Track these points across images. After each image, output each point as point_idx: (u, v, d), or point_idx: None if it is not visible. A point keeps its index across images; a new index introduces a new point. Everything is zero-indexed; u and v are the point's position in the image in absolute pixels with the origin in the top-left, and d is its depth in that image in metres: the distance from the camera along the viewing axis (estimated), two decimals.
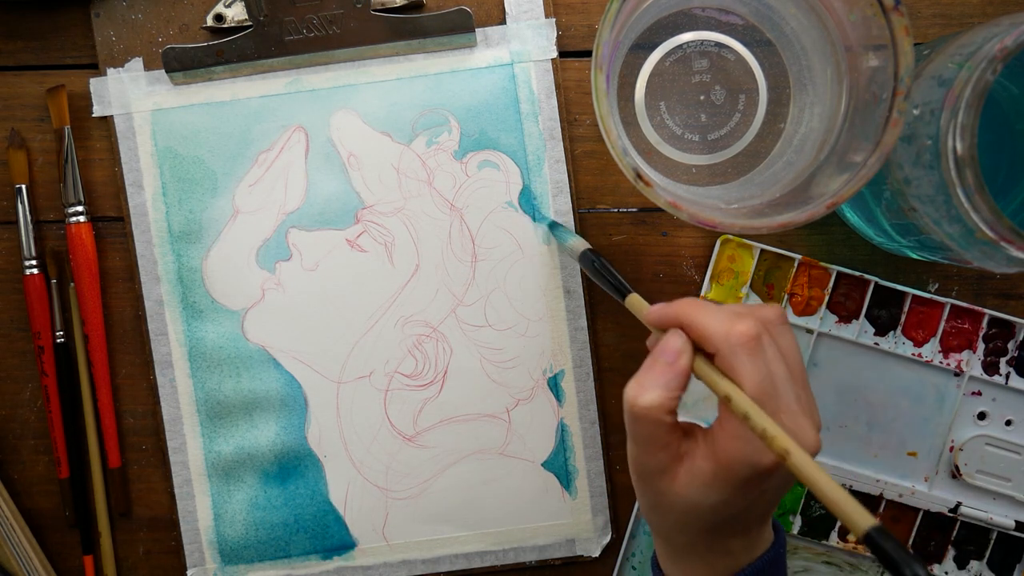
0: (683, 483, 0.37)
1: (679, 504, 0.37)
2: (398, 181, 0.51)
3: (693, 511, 0.37)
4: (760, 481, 0.36)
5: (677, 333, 0.37)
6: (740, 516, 0.38)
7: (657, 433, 0.37)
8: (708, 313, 0.37)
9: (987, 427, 0.51)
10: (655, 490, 0.38)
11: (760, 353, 0.36)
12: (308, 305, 0.51)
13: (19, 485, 0.53)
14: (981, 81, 0.36)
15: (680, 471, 0.37)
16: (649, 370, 0.37)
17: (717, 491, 0.36)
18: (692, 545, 0.39)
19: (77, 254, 0.51)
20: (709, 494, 0.36)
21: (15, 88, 0.52)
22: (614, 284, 0.43)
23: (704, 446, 0.37)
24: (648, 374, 0.37)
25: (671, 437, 0.37)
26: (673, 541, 0.40)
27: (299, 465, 0.52)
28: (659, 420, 0.36)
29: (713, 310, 0.37)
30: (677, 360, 0.37)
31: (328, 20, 0.50)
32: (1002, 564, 0.51)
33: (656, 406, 0.36)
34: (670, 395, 0.37)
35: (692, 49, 0.49)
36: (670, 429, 0.37)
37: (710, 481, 0.36)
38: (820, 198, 0.40)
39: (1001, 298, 0.51)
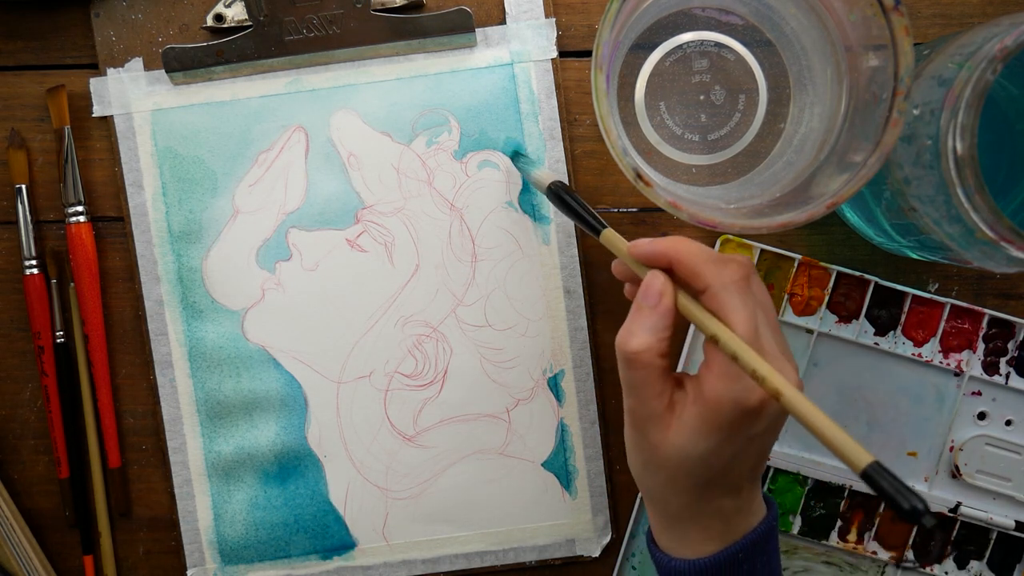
0: (675, 431, 0.37)
1: (671, 455, 0.37)
2: (398, 181, 0.51)
3: (684, 463, 0.37)
4: (747, 423, 0.36)
5: (656, 274, 0.38)
6: (729, 469, 0.38)
7: (650, 378, 0.37)
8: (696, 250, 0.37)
9: (987, 427, 0.51)
10: (649, 442, 0.38)
11: (749, 294, 0.36)
12: (308, 305, 0.51)
13: (19, 485, 0.53)
14: (981, 81, 0.36)
15: (672, 420, 0.37)
16: (635, 315, 0.38)
17: (705, 436, 0.36)
18: (684, 507, 0.39)
19: (77, 254, 0.51)
20: (698, 441, 0.36)
21: (15, 88, 0.52)
22: (586, 219, 0.42)
23: (692, 391, 0.37)
24: (635, 319, 0.37)
25: (664, 384, 0.37)
26: (666, 505, 0.40)
27: (299, 465, 0.52)
28: (650, 363, 0.37)
29: (700, 248, 0.37)
30: (660, 301, 0.37)
31: (328, 20, 0.50)
32: (1002, 564, 0.51)
33: (645, 349, 0.37)
34: (658, 337, 0.37)
35: (692, 49, 0.49)
36: (662, 374, 0.37)
37: (698, 426, 0.36)
38: (820, 198, 0.40)
39: (1001, 298, 0.51)
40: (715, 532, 0.39)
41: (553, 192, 0.44)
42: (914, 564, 0.51)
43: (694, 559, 0.40)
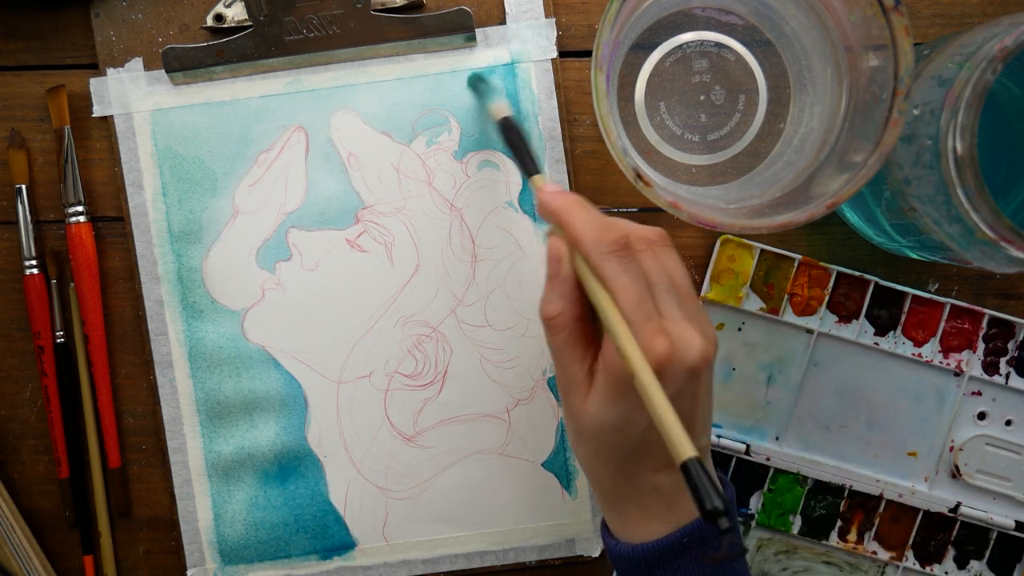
0: (591, 399, 0.37)
1: (589, 424, 0.37)
2: (398, 181, 0.51)
3: (602, 433, 0.37)
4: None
5: (553, 240, 0.38)
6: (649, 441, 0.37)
7: (569, 341, 0.37)
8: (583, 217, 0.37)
9: (987, 427, 0.51)
10: (573, 411, 0.38)
11: (631, 261, 0.36)
12: (308, 305, 0.51)
13: (19, 485, 0.53)
14: (981, 81, 0.36)
15: (592, 387, 0.37)
16: (547, 282, 0.38)
17: (613, 404, 0.36)
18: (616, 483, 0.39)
19: (77, 254, 0.51)
20: (608, 409, 0.36)
21: (15, 88, 0.52)
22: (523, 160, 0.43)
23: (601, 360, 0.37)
24: (548, 286, 0.38)
25: (585, 351, 0.38)
26: (600, 479, 0.40)
27: (299, 465, 0.52)
28: (566, 326, 0.37)
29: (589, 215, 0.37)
30: (559, 268, 0.38)
31: (328, 20, 0.50)
32: (1002, 564, 0.51)
33: (558, 314, 0.37)
34: (568, 300, 0.37)
35: (692, 49, 0.49)
36: (581, 339, 0.38)
37: (605, 394, 0.36)
38: (820, 198, 0.40)
39: (1001, 298, 0.51)
40: (656, 511, 0.39)
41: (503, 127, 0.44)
42: (914, 564, 0.51)
43: (637, 544, 0.39)
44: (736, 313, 0.51)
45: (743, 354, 0.51)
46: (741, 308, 0.51)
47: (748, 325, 0.51)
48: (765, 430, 0.51)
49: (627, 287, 0.35)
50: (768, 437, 0.52)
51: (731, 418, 0.52)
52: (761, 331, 0.51)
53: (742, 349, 0.51)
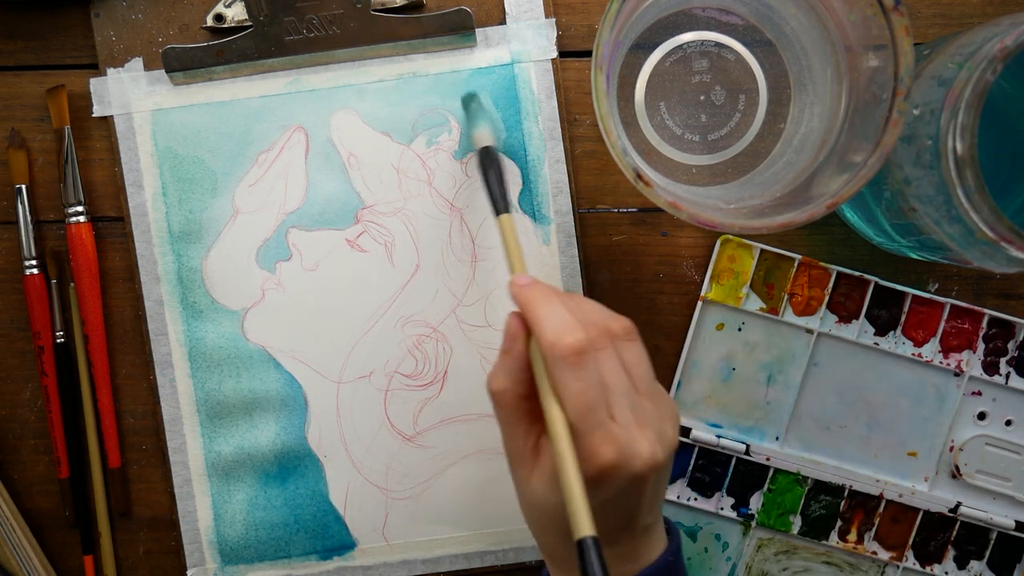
0: (536, 476, 0.37)
1: (534, 502, 0.38)
2: (398, 181, 0.51)
3: (548, 510, 0.37)
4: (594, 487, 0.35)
5: (511, 319, 0.38)
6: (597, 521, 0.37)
7: (512, 418, 0.38)
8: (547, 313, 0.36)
9: (987, 427, 0.51)
10: (519, 480, 0.39)
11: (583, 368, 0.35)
12: (308, 305, 0.51)
13: (19, 485, 0.53)
14: (981, 81, 0.36)
15: (535, 464, 0.38)
16: (500, 356, 0.39)
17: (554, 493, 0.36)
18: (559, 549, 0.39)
19: (77, 254, 0.51)
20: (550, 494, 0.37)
21: (15, 88, 0.52)
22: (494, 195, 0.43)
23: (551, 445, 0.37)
24: (499, 360, 0.38)
25: (530, 427, 0.38)
26: (543, 543, 0.40)
27: (299, 465, 0.52)
28: (511, 404, 0.37)
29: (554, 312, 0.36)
30: (512, 347, 0.38)
31: (328, 20, 0.50)
32: (1002, 564, 0.51)
33: (502, 390, 0.37)
34: (515, 379, 0.37)
35: (692, 49, 0.49)
36: (525, 417, 0.38)
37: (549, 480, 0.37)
38: (820, 198, 0.40)
39: (1001, 298, 0.51)
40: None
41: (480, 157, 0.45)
42: (914, 564, 0.51)
43: None
44: (736, 313, 0.51)
45: (743, 354, 0.51)
46: (741, 308, 0.51)
47: (748, 325, 0.51)
48: (765, 430, 0.51)
49: (577, 395, 0.35)
50: (768, 437, 0.52)
51: (731, 418, 0.52)
52: (761, 331, 0.51)
53: (742, 349, 0.51)
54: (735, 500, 0.52)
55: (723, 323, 0.51)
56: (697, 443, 0.51)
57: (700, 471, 0.52)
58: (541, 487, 0.37)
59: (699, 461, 0.52)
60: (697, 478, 0.52)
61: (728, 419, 0.52)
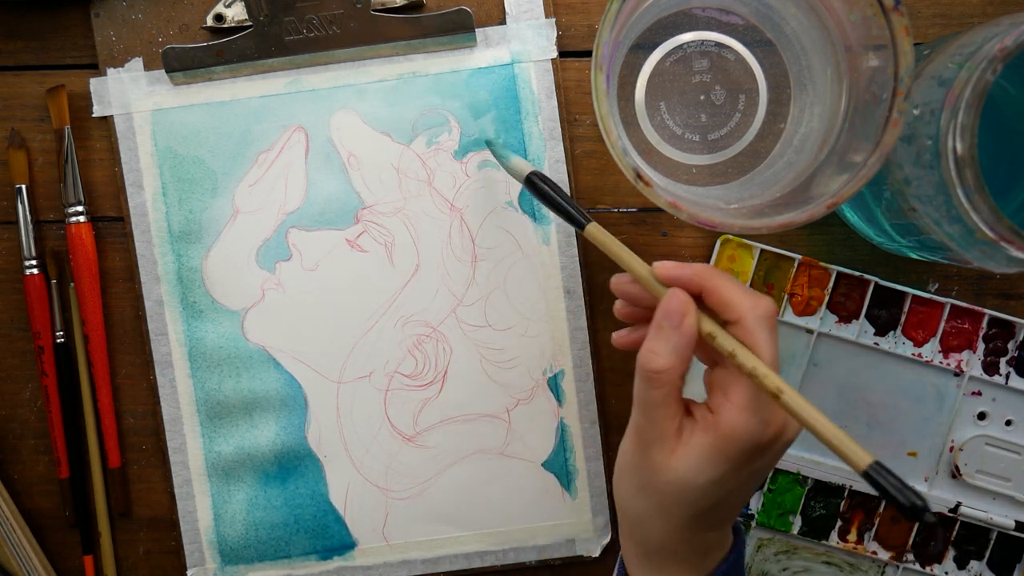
0: (679, 457, 0.37)
1: (671, 481, 0.37)
2: (398, 181, 0.51)
3: (683, 491, 0.37)
4: (757, 456, 0.37)
5: (676, 293, 0.37)
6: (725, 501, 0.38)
7: (668, 399, 0.37)
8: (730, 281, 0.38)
9: (987, 427, 0.51)
10: (651, 464, 0.38)
11: (776, 331, 0.37)
12: (308, 305, 0.51)
13: (19, 485, 0.53)
14: (981, 81, 0.36)
15: (679, 445, 0.37)
16: (657, 333, 0.37)
17: (714, 465, 0.36)
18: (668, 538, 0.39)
19: (77, 254, 0.51)
20: (704, 469, 0.36)
21: (15, 88, 0.52)
22: (569, 212, 0.42)
23: (704, 419, 0.37)
24: (657, 337, 0.37)
25: (678, 407, 0.38)
26: (648, 534, 0.40)
27: (299, 465, 0.52)
28: (670, 383, 0.37)
29: (734, 280, 0.38)
30: (683, 322, 0.37)
31: (328, 20, 0.50)
32: (1002, 564, 0.51)
33: (668, 368, 0.37)
34: (681, 357, 0.37)
35: (692, 49, 0.49)
36: (678, 397, 0.38)
37: (708, 454, 0.36)
38: (820, 198, 0.39)
39: (1001, 298, 0.51)
40: (694, 564, 0.40)
41: (534, 184, 0.44)
42: (914, 564, 0.51)
43: None
44: None
45: None
46: None
47: None
48: None
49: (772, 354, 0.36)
50: None
51: None
52: None
53: None
54: None
55: None
56: None
57: None
58: (685, 467, 0.37)
59: None
60: None
61: None
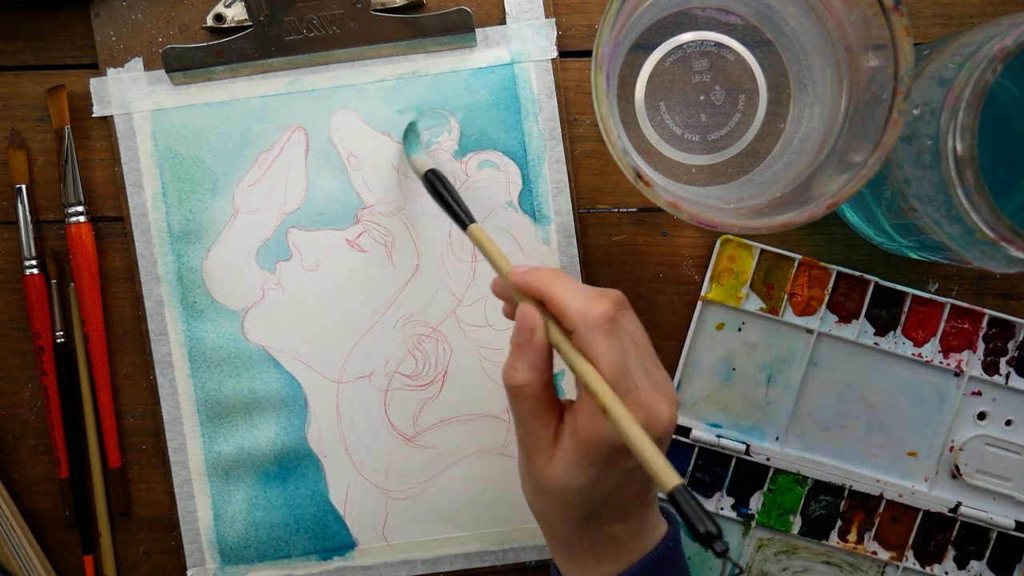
0: (556, 462, 0.38)
1: (554, 487, 0.38)
2: (398, 181, 0.51)
3: (566, 494, 0.38)
4: (619, 458, 0.37)
5: (526, 308, 0.38)
6: (613, 500, 0.38)
7: (536, 409, 0.38)
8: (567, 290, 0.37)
9: (987, 427, 0.51)
10: (535, 472, 0.39)
11: (616, 335, 0.36)
12: (308, 305, 0.51)
13: (19, 485, 0.53)
14: (981, 81, 0.36)
15: (555, 451, 0.38)
16: (515, 349, 0.38)
17: (582, 470, 0.37)
18: (575, 535, 0.40)
19: (77, 254, 0.51)
20: (576, 474, 0.37)
21: (15, 88, 0.52)
22: (455, 212, 0.43)
23: (568, 424, 0.38)
24: (515, 354, 0.38)
25: (551, 415, 0.38)
26: (559, 535, 0.41)
27: (299, 465, 0.52)
28: (534, 396, 0.38)
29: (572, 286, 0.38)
30: (532, 337, 0.38)
31: (328, 20, 0.50)
32: (1002, 564, 0.51)
33: (527, 383, 0.37)
34: (538, 371, 0.38)
35: (692, 49, 0.49)
36: (548, 406, 0.38)
37: (574, 460, 0.37)
38: (820, 198, 0.40)
39: (1001, 298, 0.51)
40: (611, 555, 0.40)
41: (429, 182, 0.45)
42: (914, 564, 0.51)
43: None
44: (736, 313, 0.51)
45: (743, 354, 0.51)
46: (741, 308, 0.51)
47: (748, 325, 0.51)
48: (765, 430, 0.51)
49: (612, 361, 0.36)
50: (768, 437, 0.52)
51: (731, 418, 0.52)
52: (761, 331, 0.51)
53: (742, 349, 0.51)
54: (735, 500, 0.52)
55: (723, 323, 0.51)
56: (697, 443, 0.51)
57: (700, 471, 0.52)
58: (563, 471, 0.37)
59: (699, 461, 0.52)
60: (697, 478, 0.52)
61: (728, 419, 0.52)
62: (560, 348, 0.37)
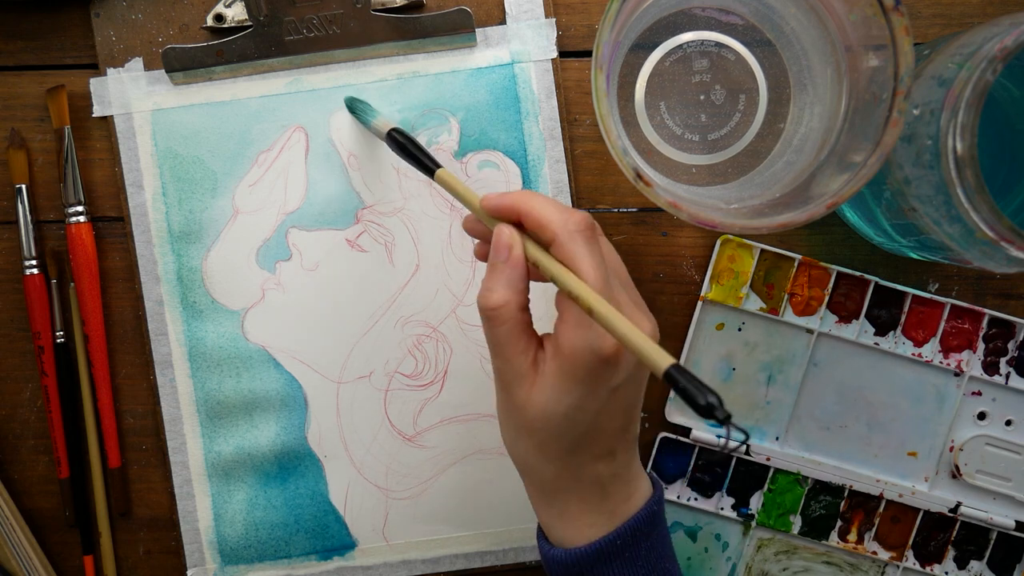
0: (538, 389, 0.37)
1: (537, 415, 0.37)
2: (398, 181, 0.51)
3: (550, 423, 0.37)
4: (606, 372, 0.36)
5: (503, 227, 0.38)
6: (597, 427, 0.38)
7: (513, 333, 0.37)
8: (543, 202, 0.37)
9: (987, 427, 0.51)
10: (516, 403, 0.38)
11: (595, 242, 0.36)
12: (308, 305, 0.51)
13: (19, 485, 0.53)
14: (981, 81, 0.36)
15: (536, 378, 0.37)
16: (491, 271, 0.38)
17: (566, 392, 0.36)
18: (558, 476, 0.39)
19: (77, 254, 0.51)
20: (560, 397, 0.36)
21: (15, 88, 0.52)
22: (422, 161, 0.43)
23: (551, 347, 0.37)
24: (491, 275, 0.38)
25: (528, 341, 0.38)
26: (540, 474, 0.40)
27: (299, 465, 0.52)
28: (512, 318, 0.37)
29: (546, 200, 0.37)
30: (511, 254, 0.37)
31: (328, 20, 0.50)
32: (1002, 564, 0.51)
33: (504, 303, 0.37)
34: (515, 290, 0.37)
35: (692, 49, 0.49)
36: (525, 330, 0.38)
37: (559, 381, 0.36)
38: (820, 198, 0.40)
39: (1001, 298, 0.51)
40: (594, 502, 0.39)
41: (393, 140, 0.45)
42: (914, 564, 0.51)
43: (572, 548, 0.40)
44: (736, 313, 0.51)
45: (743, 354, 0.51)
46: (741, 308, 0.51)
47: (748, 325, 0.51)
48: (765, 430, 0.51)
49: (595, 268, 0.35)
50: (768, 437, 0.52)
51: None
52: (761, 331, 0.51)
53: (742, 349, 0.51)
54: (735, 500, 0.52)
55: (723, 323, 0.51)
56: (697, 443, 0.51)
57: (700, 471, 0.52)
58: (547, 396, 0.37)
59: (699, 461, 0.52)
60: (697, 478, 0.52)
61: None
62: (539, 261, 0.37)
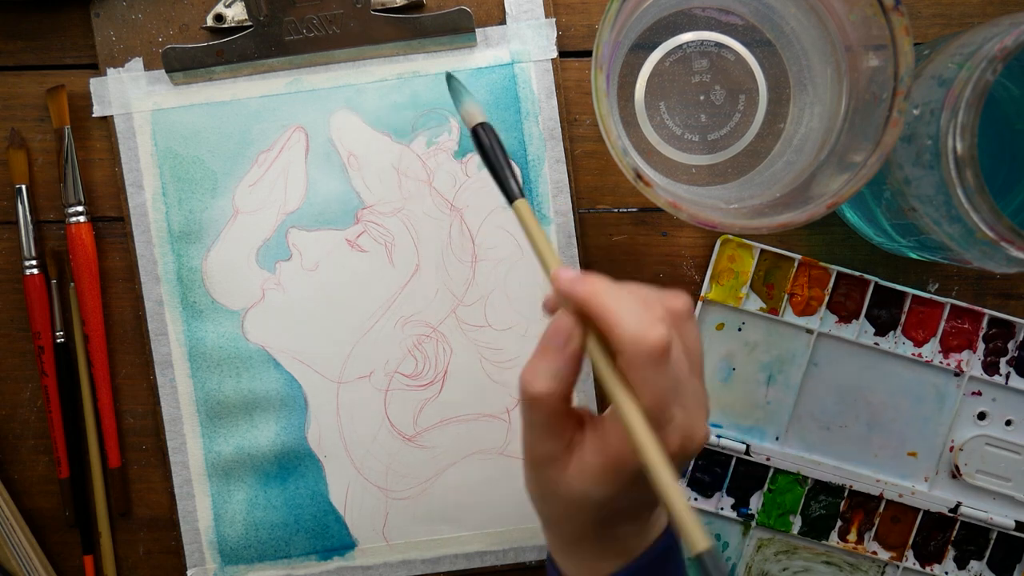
0: (573, 474, 0.36)
1: (568, 495, 0.36)
2: (398, 181, 0.51)
3: (581, 503, 0.36)
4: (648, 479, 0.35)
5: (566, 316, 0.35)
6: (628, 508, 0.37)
7: (551, 420, 0.35)
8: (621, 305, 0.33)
9: (987, 427, 0.51)
10: (545, 479, 0.37)
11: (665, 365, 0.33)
12: (308, 305, 0.51)
13: (19, 485, 0.53)
14: (981, 81, 0.36)
15: (571, 461, 0.36)
16: (542, 355, 0.35)
17: (606, 486, 0.35)
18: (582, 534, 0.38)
19: (77, 254, 0.51)
20: (598, 488, 0.35)
21: (15, 88, 0.52)
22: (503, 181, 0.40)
23: (594, 439, 0.35)
24: (541, 360, 0.35)
25: (565, 425, 0.36)
26: (562, 531, 0.39)
27: (299, 465, 0.52)
28: (553, 407, 0.35)
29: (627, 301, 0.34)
30: (566, 346, 0.35)
31: (328, 20, 0.50)
32: (1002, 564, 0.51)
33: (547, 394, 0.34)
34: (562, 382, 0.35)
35: (692, 49, 0.49)
36: (564, 417, 0.36)
37: (599, 476, 0.35)
38: (820, 198, 0.40)
39: (1001, 298, 0.51)
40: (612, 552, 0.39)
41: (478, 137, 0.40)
42: (914, 564, 0.51)
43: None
44: (736, 313, 0.51)
45: (743, 354, 0.51)
46: (741, 308, 0.51)
47: (748, 325, 0.51)
48: (765, 430, 0.51)
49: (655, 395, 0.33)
50: (768, 437, 0.52)
51: (731, 418, 0.52)
52: (761, 331, 0.51)
53: (742, 349, 0.51)
54: (735, 500, 0.52)
55: (723, 323, 0.51)
56: None
57: (700, 471, 0.52)
58: (580, 485, 0.35)
59: (699, 461, 0.52)
60: (697, 478, 0.52)
61: (728, 419, 0.52)
62: (599, 369, 0.34)
